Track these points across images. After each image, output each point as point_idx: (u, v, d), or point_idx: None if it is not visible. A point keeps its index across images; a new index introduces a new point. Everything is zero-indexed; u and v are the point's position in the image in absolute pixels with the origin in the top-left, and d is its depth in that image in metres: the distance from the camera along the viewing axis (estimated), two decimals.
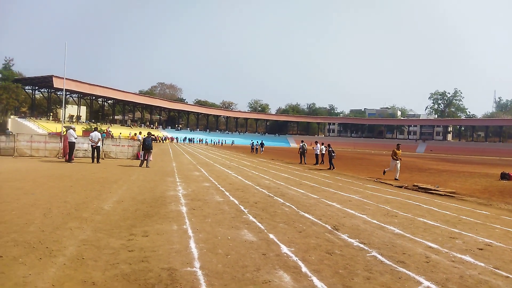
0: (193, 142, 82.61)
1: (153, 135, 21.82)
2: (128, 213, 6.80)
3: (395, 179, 15.55)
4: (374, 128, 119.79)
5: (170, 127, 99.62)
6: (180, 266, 4.14)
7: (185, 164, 20.02)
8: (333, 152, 20.78)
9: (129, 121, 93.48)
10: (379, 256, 4.81)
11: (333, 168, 20.30)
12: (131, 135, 33.91)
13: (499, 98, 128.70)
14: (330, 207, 8.34)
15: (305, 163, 24.90)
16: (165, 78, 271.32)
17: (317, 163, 23.56)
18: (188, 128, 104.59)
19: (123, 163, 18.44)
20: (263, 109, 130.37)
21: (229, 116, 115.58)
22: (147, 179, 12.18)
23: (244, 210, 7.59)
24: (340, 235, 5.86)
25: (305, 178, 14.87)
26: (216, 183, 12.02)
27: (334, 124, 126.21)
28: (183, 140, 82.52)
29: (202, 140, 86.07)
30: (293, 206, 8.24)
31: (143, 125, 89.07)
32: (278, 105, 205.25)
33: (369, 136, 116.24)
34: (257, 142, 47.00)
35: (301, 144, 26.63)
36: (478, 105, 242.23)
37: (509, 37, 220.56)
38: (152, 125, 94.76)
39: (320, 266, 4.35)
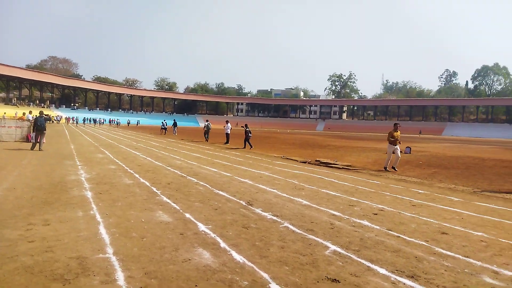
0: (101, 123, 66.56)
1: (47, 115, 19.52)
2: (23, 201, 6.06)
3: (393, 168, 12.21)
4: (280, 108, 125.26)
5: (64, 106, 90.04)
6: (90, 253, 3.87)
7: (85, 146, 18.47)
8: (250, 132, 21.08)
9: (15, 99, 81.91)
10: (291, 226, 5.15)
11: (251, 147, 20.40)
12: (18, 114, 29.83)
13: (386, 80, 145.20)
14: (243, 184, 8.58)
15: (207, 141, 26.00)
16: (57, 51, 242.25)
17: (227, 142, 23.85)
18: (87, 107, 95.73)
19: (10, 146, 16.21)
20: (171, 87, 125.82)
21: (134, 95, 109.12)
22: (42, 163, 10.94)
23: (156, 191, 7.36)
24: (254, 209, 6.10)
25: (216, 157, 14.97)
26: (124, 165, 11.38)
27: (242, 104, 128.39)
28: (86, 121, 71.24)
29: (114, 120, 73.31)
30: (207, 185, 8.27)
31: (31, 103, 78.62)
32: (186, 84, 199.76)
33: (275, 115, 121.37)
34: (166, 122, 44.30)
35: (206, 123, 27.37)
36: (369, 87, 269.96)
37: (397, 25, 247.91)
38: (43, 104, 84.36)
39: (237, 240, 4.49)
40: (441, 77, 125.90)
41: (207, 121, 29.50)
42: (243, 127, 22.87)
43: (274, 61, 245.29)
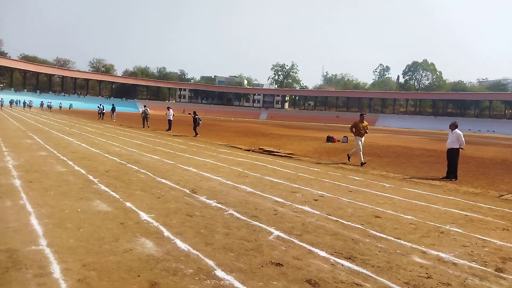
0: (30, 106, 55.38)
1: None
2: None
3: (361, 163, 11.22)
4: (224, 95, 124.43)
5: None
6: (21, 245, 3.58)
7: (12, 131, 16.86)
8: (200, 120, 20.62)
9: None
10: (236, 213, 5.20)
11: (196, 135, 20.01)
12: None
13: (326, 72, 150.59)
14: (187, 172, 8.44)
15: (148, 127, 25.49)
16: None
17: (170, 129, 23.23)
18: (12, 89, 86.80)
19: None
20: (108, 70, 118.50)
21: (66, 76, 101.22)
22: None
23: (93, 179, 6.98)
24: (199, 197, 6.04)
25: (158, 144, 14.53)
26: (55, 151, 10.60)
27: (185, 90, 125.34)
28: (14, 104, 61.56)
29: (45, 103, 59.60)
30: (149, 173, 8.01)
31: None
32: (124, 67, 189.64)
33: (219, 103, 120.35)
34: (103, 106, 41.11)
35: (144, 109, 26.91)
36: (310, 78, 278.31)
37: (338, 18, 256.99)
38: None
39: (182, 228, 4.43)
40: (375, 71, 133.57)
41: (144, 106, 28.72)
42: (190, 114, 22.29)
43: (218, 48, 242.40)
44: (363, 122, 11.98)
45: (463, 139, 9.60)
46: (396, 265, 3.68)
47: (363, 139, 11.87)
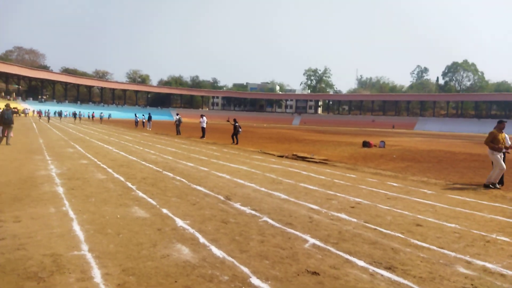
0: (79, 116, 54.39)
1: (15, 108, 18.66)
2: None
3: (493, 184, 8.58)
4: (256, 102, 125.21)
5: (32, 98, 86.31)
6: (65, 250, 3.73)
7: (54, 140, 17.81)
8: (240, 127, 20.20)
9: None
10: (270, 220, 5.15)
11: (236, 142, 19.54)
12: None
13: (360, 75, 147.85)
14: (221, 179, 8.51)
15: (179, 134, 26.46)
16: (23, 42, 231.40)
17: (203, 136, 23.63)
18: (55, 100, 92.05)
19: None
20: (143, 80, 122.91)
21: (104, 87, 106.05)
22: (10, 158, 10.46)
23: (131, 186, 7.19)
24: (233, 204, 6.06)
25: (193, 152, 14.79)
26: (96, 160, 11.05)
27: (218, 97, 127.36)
28: (54, 114, 63.60)
29: (80, 114, 58.43)
30: (184, 180, 8.15)
31: None
32: (159, 76, 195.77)
33: (251, 109, 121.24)
34: (143, 115, 41.76)
35: (177, 117, 27.64)
36: (343, 82, 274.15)
37: (372, 21, 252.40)
38: (8, 96, 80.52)
39: (217, 235, 4.44)
40: (413, 73, 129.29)
41: (177, 114, 29.62)
42: (229, 121, 22.24)
43: (249, 54, 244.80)
44: (502, 133, 8.81)
45: (510, 142, 9.00)
46: (439, 275, 3.48)
47: (502, 154, 8.78)
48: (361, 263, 3.74)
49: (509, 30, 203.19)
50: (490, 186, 8.61)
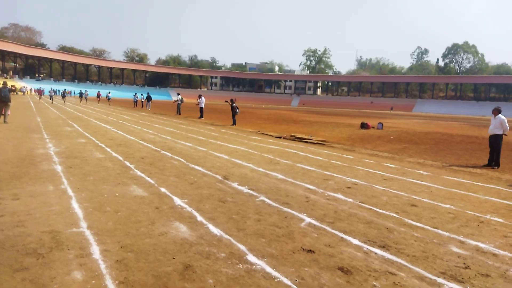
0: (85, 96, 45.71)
1: (12, 86, 18.44)
2: None
3: None
4: (255, 82, 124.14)
5: (29, 76, 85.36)
6: (64, 227, 3.78)
7: (52, 119, 17.72)
8: (237, 108, 19.80)
9: None
10: (267, 200, 5.21)
11: (235, 124, 19.36)
12: None
13: (360, 56, 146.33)
14: (219, 159, 8.54)
15: (180, 114, 26.37)
16: (18, 18, 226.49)
17: (201, 116, 23.55)
18: (52, 78, 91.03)
19: None
20: (141, 59, 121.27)
21: (102, 66, 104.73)
22: (8, 137, 10.44)
23: (130, 165, 7.22)
24: (231, 183, 6.11)
25: (191, 132, 14.78)
26: (94, 138, 11.04)
27: (216, 77, 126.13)
28: (58, 93, 58.52)
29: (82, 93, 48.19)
30: (182, 159, 8.18)
31: None
32: (157, 55, 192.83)
33: (250, 90, 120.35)
34: (142, 95, 40.08)
35: (179, 97, 27.93)
36: (343, 62, 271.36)
37: (371, 1, 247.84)
38: (5, 74, 79.50)
39: (214, 214, 4.50)
40: (413, 54, 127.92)
41: (178, 94, 29.49)
42: (227, 101, 21.11)
43: (248, 34, 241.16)
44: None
45: (507, 125, 9.03)
46: (432, 254, 3.56)
47: None
48: (355, 241, 3.81)
49: (511, 12, 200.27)
50: None
